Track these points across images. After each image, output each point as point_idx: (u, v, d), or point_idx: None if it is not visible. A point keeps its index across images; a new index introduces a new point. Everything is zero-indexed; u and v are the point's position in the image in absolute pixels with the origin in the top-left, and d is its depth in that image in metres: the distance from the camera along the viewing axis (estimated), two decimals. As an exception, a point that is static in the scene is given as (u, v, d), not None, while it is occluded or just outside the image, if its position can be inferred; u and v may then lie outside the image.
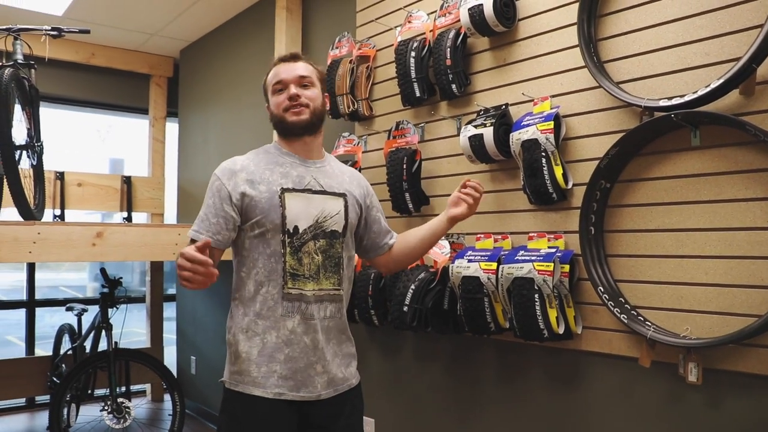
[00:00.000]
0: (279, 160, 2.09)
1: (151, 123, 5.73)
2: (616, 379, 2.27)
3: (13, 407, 5.30)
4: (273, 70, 2.13)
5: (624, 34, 2.25)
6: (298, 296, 2.01)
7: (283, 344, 2.00)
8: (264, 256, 2.01)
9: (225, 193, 2.00)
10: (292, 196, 2.02)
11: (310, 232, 2.03)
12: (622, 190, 2.25)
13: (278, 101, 2.09)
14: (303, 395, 2.01)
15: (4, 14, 4.54)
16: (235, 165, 2.06)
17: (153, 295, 5.56)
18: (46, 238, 3.13)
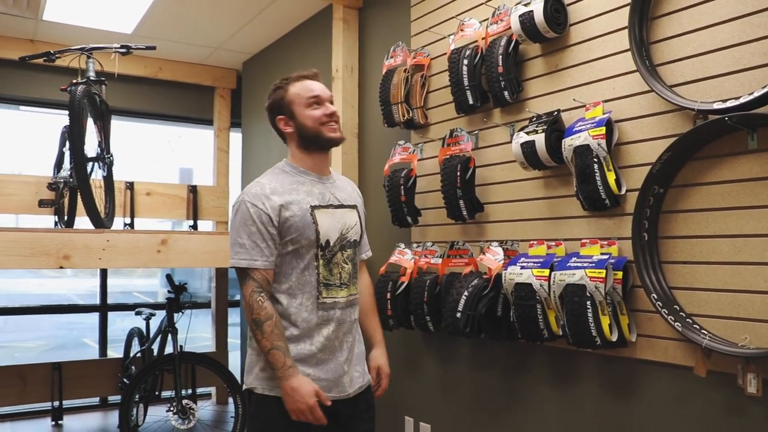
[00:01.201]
0: (299, 179, 2.21)
1: (216, 133, 5.90)
2: (672, 388, 2.22)
3: (87, 406, 5.53)
4: (300, 85, 2.22)
5: (677, 36, 2.21)
6: (332, 304, 2.16)
7: (317, 350, 2.13)
8: (297, 270, 2.14)
9: (265, 217, 2.10)
10: (321, 212, 2.16)
11: (338, 244, 2.19)
12: (675, 195, 2.21)
13: (315, 115, 2.19)
14: (335, 395, 2.15)
15: (78, 34, 4.78)
16: (265, 189, 2.15)
17: (218, 301, 5.71)
18: (114, 246, 3.27)
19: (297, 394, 2.02)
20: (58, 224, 4.55)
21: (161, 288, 11.56)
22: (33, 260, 3.22)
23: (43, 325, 9.40)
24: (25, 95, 5.33)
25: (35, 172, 5.01)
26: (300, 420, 2.04)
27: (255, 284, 2.08)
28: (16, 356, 8.45)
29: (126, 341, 5.24)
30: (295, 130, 2.22)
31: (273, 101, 2.25)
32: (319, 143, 2.22)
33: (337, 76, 3.98)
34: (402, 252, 3.29)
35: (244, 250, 2.09)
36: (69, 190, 4.28)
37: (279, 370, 2.04)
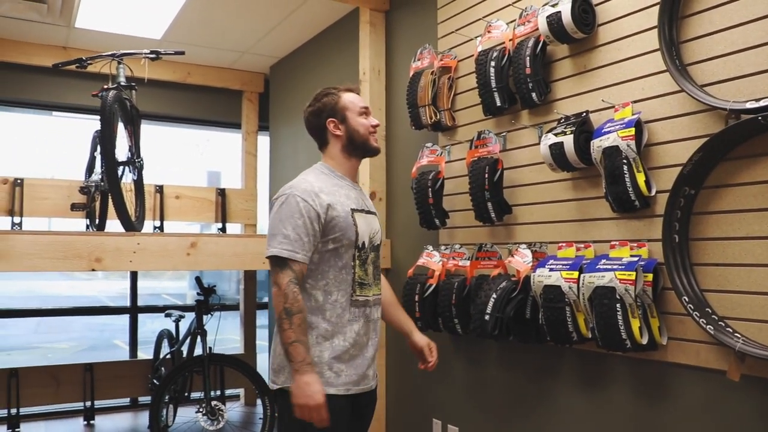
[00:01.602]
0: (338, 183, 2.34)
1: (244, 137, 5.95)
2: (704, 392, 2.19)
3: (118, 406, 5.61)
4: (352, 95, 2.40)
5: (708, 35, 2.18)
6: (364, 302, 2.29)
7: (350, 346, 2.24)
8: (335, 269, 2.25)
9: (314, 214, 2.18)
10: (358, 216, 2.29)
11: (369, 246, 2.31)
12: (707, 196, 2.18)
13: (365, 124, 2.37)
14: (362, 388, 2.29)
15: (109, 40, 4.86)
16: (314, 187, 2.24)
17: (246, 303, 5.75)
18: (144, 248, 3.32)
19: (309, 389, 2.07)
20: (89, 227, 4.62)
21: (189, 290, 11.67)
22: (66, 263, 3.28)
23: (75, 326, 9.54)
24: (57, 101, 5.44)
25: (67, 176, 5.09)
26: (302, 416, 2.08)
27: (293, 275, 2.14)
28: (49, 357, 8.59)
29: (156, 343, 5.31)
30: (345, 135, 2.35)
31: (325, 104, 2.36)
32: (364, 149, 2.38)
33: (364, 78, 3.99)
34: (430, 254, 3.29)
35: (288, 241, 2.14)
36: (100, 194, 4.35)
37: (297, 363, 2.08)
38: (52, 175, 5.56)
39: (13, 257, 3.18)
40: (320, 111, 2.37)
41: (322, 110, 2.36)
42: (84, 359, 5.58)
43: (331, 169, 2.37)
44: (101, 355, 8.36)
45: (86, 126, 5.63)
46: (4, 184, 4.75)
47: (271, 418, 4.11)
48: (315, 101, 2.40)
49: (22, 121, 6.02)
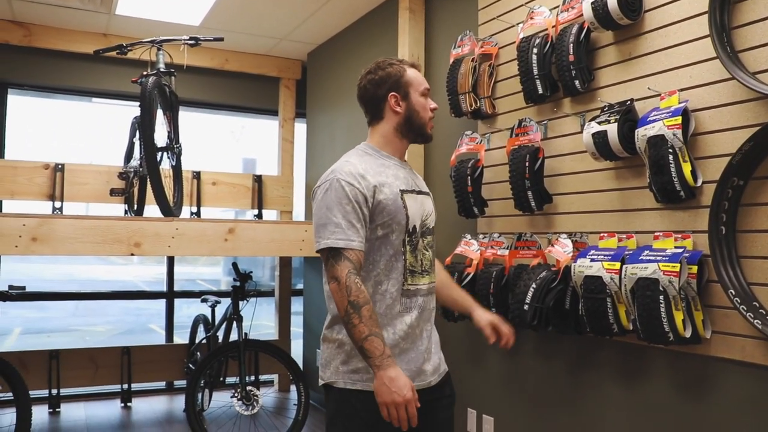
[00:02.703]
0: (384, 162, 2.15)
1: (281, 124, 5.97)
2: (751, 388, 2.14)
3: (154, 389, 5.71)
4: (416, 72, 2.19)
5: (761, 20, 2.11)
6: (415, 291, 2.09)
7: (400, 339, 2.05)
8: (386, 257, 2.06)
9: (361, 197, 2.00)
10: (408, 197, 2.10)
11: (420, 230, 2.11)
12: (757, 187, 2.12)
13: (426, 106, 2.18)
14: (418, 384, 2.05)
15: (148, 27, 4.90)
16: (357, 168, 2.05)
17: (281, 290, 5.79)
18: (183, 234, 3.36)
19: (395, 384, 1.86)
20: (127, 213, 4.69)
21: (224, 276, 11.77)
22: (106, 247, 3.33)
23: (112, 310, 9.70)
24: (97, 87, 5.51)
25: (107, 162, 5.17)
26: (390, 415, 1.88)
27: (351, 265, 1.94)
28: (86, 339, 8.76)
29: (192, 328, 5.38)
30: (404, 113, 2.15)
31: (389, 75, 2.14)
32: (420, 133, 2.20)
33: (401, 66, 3.96)
34: (468, 243, 3.27)
35: (340, 229, 1.96)
36: (139, 180, 4.41)
37: (377, 359, 1.87)
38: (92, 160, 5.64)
39: (54, 241, 3.24)
40: (382, 81, 2.14)
41: (385, 81, 2.14)
42: (120, 342, 5.69)
43: (376, 149, 2.17)
44: (137, 339, 8.49)
45: (126, 112, 5.69)
46: (46, 169, 4.83)
47: (305, 405, 4.14)
48: (377, 69, 2.16)
49: (63, 107, 6.11)
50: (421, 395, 2.03)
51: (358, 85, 2.24)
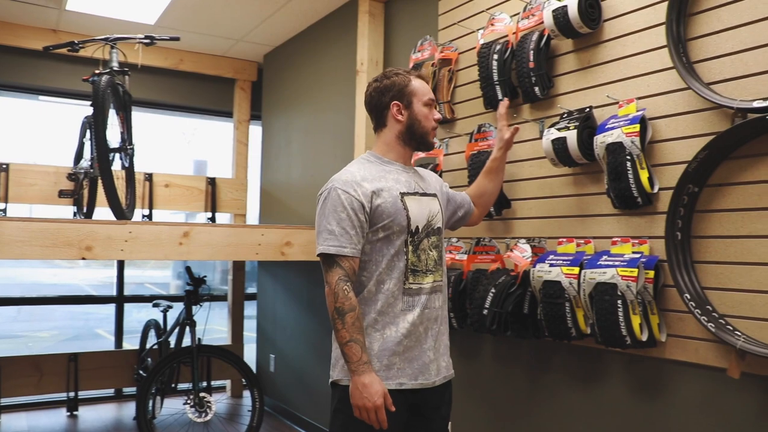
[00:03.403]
0: (386, 168, 2.23)
1: (235, 126, 5.89)
2: (703, 390, 2.20)
3: (102, 397, 5.56)
4: (422, 82, 2.28)
5: (716, 33, 2.17)
6: (417, 290, 2.17)
7: (402, 337, 2.13)
8: (387, 257, 2.15)
9: (357, 204, 2.09)
10: (410, 199, 2.18)
11: (424, 231, 2.20)
12: (711, 194, 2.18)
13: (429, 116, 2.27)
14: (421, 382, 2.16)
15: (100, 24, 4.79)
16: (355, 176, 2.15)
17: (235, 294, 5.72)
18: (136, 237, 3.27)
19: (366, 390, 2.00)
20: (76, 215, 4.56)
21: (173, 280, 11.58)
22: (56, 251, 3.22)
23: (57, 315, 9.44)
24: (45, 85, 5.34)
25: (54, 162, 5.01)
26: (361, 417, 2.03)
27: (342, 272, 2.06)
28: (29, 346, 8.49)
29: (142, 333, 5.26)
30: (406, 122, 2.24)
31: (393, 83, 2.23)
32: (422, 143, 2.28)
33: (361, 69, 3.96)
34: (425, 248, 3.27)
35: (333, 236, 2.07)
36: (89, 181, 4.29)
37: (353, 364, 2.02)
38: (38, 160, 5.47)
39: (0, 244, 3.11)
40: (387, 90, 2.23)
41: (390, 89, 2.23)
42: (67, 349, 5.52)
43: (378, 156, 2.26)
44: (84, 345, 8.28)
45: (75, 111, 5.56)
46: (-11, 168, 4.66)
47: (260, 411, 4.08)
48: (383, 78, 2.26)
49: (8, 105, 5.91)
50: (427, 396, 2.17)
51: (365, 92, 2.31)
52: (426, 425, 2.23)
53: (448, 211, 2.47)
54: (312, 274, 4.84)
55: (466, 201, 2.55)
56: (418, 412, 2.17)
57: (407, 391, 2.13)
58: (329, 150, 4.63)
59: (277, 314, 5.42)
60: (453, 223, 2.54)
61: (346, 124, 4.29)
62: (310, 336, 4.85)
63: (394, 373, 2.11)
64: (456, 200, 2.52)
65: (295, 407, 5.00)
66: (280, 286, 5.42)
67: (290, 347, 5.16)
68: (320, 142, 4.78)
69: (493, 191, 2.63)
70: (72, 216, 4.58)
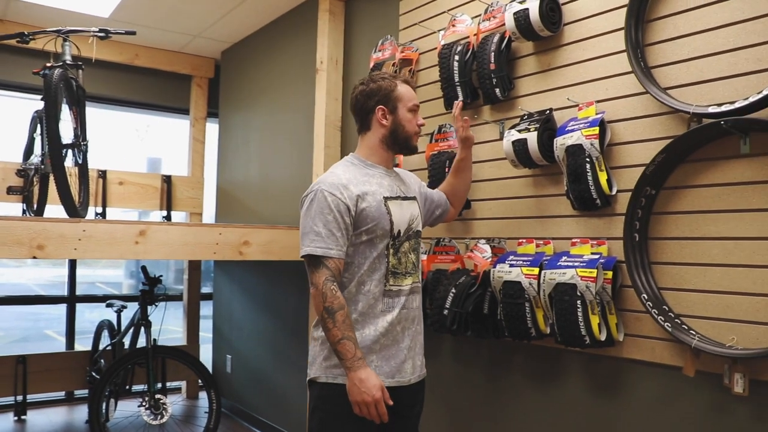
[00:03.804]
0: (369, 172, 2.26)
1: (192, 123, 5.80)
2: (659, 387, 2.25)
3: (52, 400, 5.41)
4: (408, 88, 2.31)
5: (672, 39, 2.23)
6: (397, 291, 2.21)
7: (379, 335, 2.17)
8: (369, 260, 2.19)
9: (343, 207, 2.13)
10: (392, 203, 2.22)
11: (405, 234, 2.24)
12: (667, 197, 2.22)
13: (413, 121, 2.30)
14: (398, 380, 2.21)
15: (51, 15, 4.65)
16: (341, 179, 2.18)
17: (190, 294, 5.63)
18: (90, 236, 3.18)
19: (364, 385, 2.03)
20: (26, 212, 4.42)
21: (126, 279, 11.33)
22: (5, 249, 3.11)
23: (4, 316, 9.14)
24: (-10, 78, 5.17)
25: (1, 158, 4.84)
26: (362, 413, 2.06)
27: (329, 273, 2.09)
28: (-28, 348, 8.22)
29: (95, 334, 5.13)
30: (390, 126, 2.27)
31: (379, 88, 2.27)
32: (405, 147, 2.32)
33: (321, 68, 3.94)
34: (386, 248, 3.27)
35: (320, 238, 2.10)
36: (40, 178, 4.16)
37: (348, 361, 2.05)
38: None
39: (-55, 242, 3.00)
40: (373, 94, 2.27)
41: (375, 93, 2.26)
42: (14, 351, 5.36)
43: (361, 159, 2.29)
44: (32, 346, 8.03)
45: (23, 105, 5.39)
46: (-68, 164, 4.49)
47: (217, 412, 4.03)
48: (370, 82, 2.29)
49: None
50: (402, 395, 2.21)
51: (351, 95, 2.34)
52: (400, 424, 2.26)
53: (427, 210, 2.51)
54: (270, 274, 4.80)
55: (443, 199, 2.60)
56: (394, 410, 2.18)
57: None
58: (288, 149, 4.59)
59: (234, 314, 5.36)
60: (432, 221, 2.59)
61: (305, 123, 4.26)
62: (267, 336, 4.81)
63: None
64: (433, 199, 2.56)
65: (253, 408, 4.95)
66: (237, 285, 5.36)
67: (247, 347, 5.11)
68: (279, 141, 4.73)
69: (465, 188, 2.68)
70: (21, 213, 4.44)
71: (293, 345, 4.44)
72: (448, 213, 2.63)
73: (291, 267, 4.33)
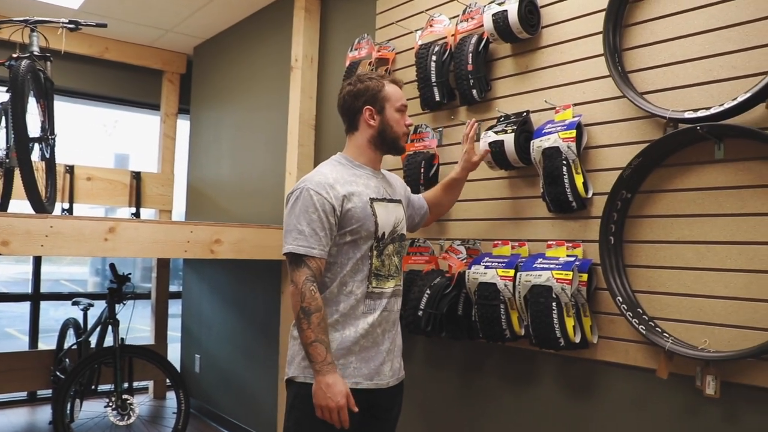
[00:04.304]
0: (356, 172, 2.24)
1: (162, 119, 5.72)
2: (632, 390, 2.26)
3: (14, 401, 5.28)
4: (396, 88, 2.28)
5: (650, 44, 2.25)
6: (380, 294, 2.20)
7: (359, 336, 2.15)
8: (353, 260, 2.17)
9: (329, 207, 2.10)
10: (378, 205, 2.20)
11: (389, 237, 2.22)
12: (642, 200, 2.24)
13: (401, 122, 2.28)
14: (376, 383, 2.19)
15: (20, 5, 4.54)
16: (328, 179, 2.15)
17: (158, 292, 5.55)
18: (58, 232, 3.11)
19: (330, 390, 2.02)
20: (-11, 207, 4.31)
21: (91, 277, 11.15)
22: (-32, 245, 3.03)
23: (-38, 313, 8.93)
24: (-49, 68, 5.02)
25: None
26: (324, 417, 2.05)
27: (309, 272, 2.07)
28: (-70, 346, 8.00)
29: (60, 332, 5.01)
30: (378, 126, 2.25)
31: (367, 88, 2.24)
32: (393, 147, 2.30)
33: (296, 65, 3.90)
34: (360, 248, 3.25)
35: (303, 236, 2.08)
36: (4, 172, 4.05)
37: (318, 364, 2.04)
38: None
39: None
40: (360, 94, 2.24)
41: (363, 93, 2.24)
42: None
43: (349, 159, 2.27)
44: (-7, 344, 7.85)
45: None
46: None
47: (186, 413, 3.97)
48: (357, 82, 2.27)
49: None
50: (380, 398, 2.20)
51: (339, 95, 2.32)
52: (377, 426, 2.25)
53: (408, 216, 2.48)
54: (239, 273, 4.74)
55: (423, 207, 2.58)
56: (371, 413, 2.18)
57: (362, 391, 2.14)
58: (261, 147, 4.55)
59: (203, 313, 5.29)
60: (410, 227, 2.56)
61: (279, 121, 4.22)
62: (237, 335, 4.75)
63: (350, 372, 2.14)
64: (414, 205, 2.55)
65: (221, 408, 4.90)
66: (207, 284, 5.29)
67: (216, 347, 5.05)
68: (252, 138, 4.68)
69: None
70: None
71: (263, 344, 4.39)
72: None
73: (262, 266, 4.29)
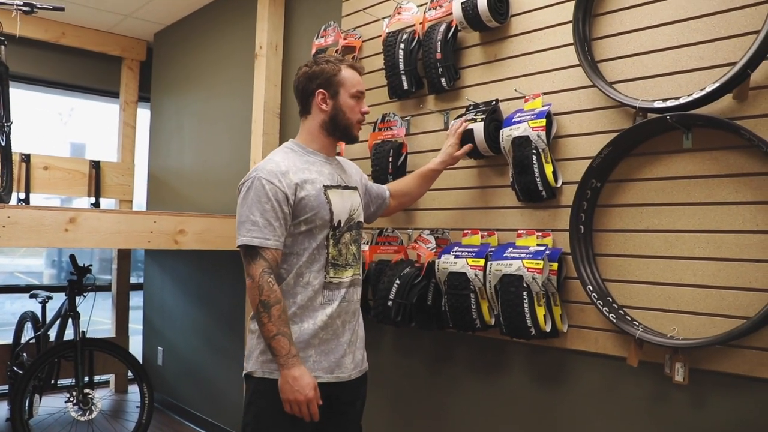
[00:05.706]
0: (309, 159, 2.18)
1: (122, 107, 5.58)
2: (602, 377, 2.28)
3: (-32, 397, 5.13)
4: (353, 73, 2.21)
5: (619, 34, 2.25)
6: (338, 284, 2.14)
7: (318, 329, 2.10)
8: (309, 250, 2.11)
9: (281, 195, 2.04)
10: (333, 193, 2.14)
11: (346, 225, 2.16)
12: (612, 189, 2.26)
13: (355, 108, 2.21)
14: (337, 376, 2.14)
15: (-30, -11, 4.37)
16: (280, 167, 2.09)
17: (119, 284, 5.43)
18: (16, 222, 3.01)
19: (297, 384, 1.98)
20: (-59, 198, 4.16)
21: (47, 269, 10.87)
22: None
23: None
24: None
25: None
26: (293, 412, 2.00)
27: (266, 264, 2.01)
28: None
29: (17, 326, 4.87)
30: (330, 111, 2.18)
31: (322, 71, 2.17)
32: (345, 134, 2.23)
33: (260, 53, 3.84)
34: (328, 238, 3.21)
35: (257, 228, 2.01)
36: (-42, 161, 3.91)
37: (282, 357, 1.98)
38: None
39: None
40: (315, 76, 2.18)
41: (317, 76, 2.17)
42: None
43: (301, 146, 2.20)
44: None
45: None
46: None
47: (149, 407, 3.90)
48: (314, 64, 2.20)
49: None
50: (340, 391, 2.15)
51: (295, 77, 2.25)
52: (339, 420, 2.21)
53: (364, 204, 2.41)
54: (203, 264, 4.67)
55: (381, 196, 2.52)
56: (332, 406, 2.14)
57: (323, 385, 2.09)
58: (224, 136, 4.47)
59: (166, 305, 5.20)
60: (366, 216, 2.48)
61: (243, 109, 4.15)
62: (200, 327, 4.68)
63: (310, 366, 2.08)
64: (371, 193, 2.49)
65: (185, 402, 4.83)
66: (169, 275, 5.20)
67: (180, 339, 4.97)
68: (215, 127, 4.60)
69: (418, 195, 2.66)
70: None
71: (228, 336, 4.34)
72: (385, 210, 2.56)
73: (226, 256, 4.22)
